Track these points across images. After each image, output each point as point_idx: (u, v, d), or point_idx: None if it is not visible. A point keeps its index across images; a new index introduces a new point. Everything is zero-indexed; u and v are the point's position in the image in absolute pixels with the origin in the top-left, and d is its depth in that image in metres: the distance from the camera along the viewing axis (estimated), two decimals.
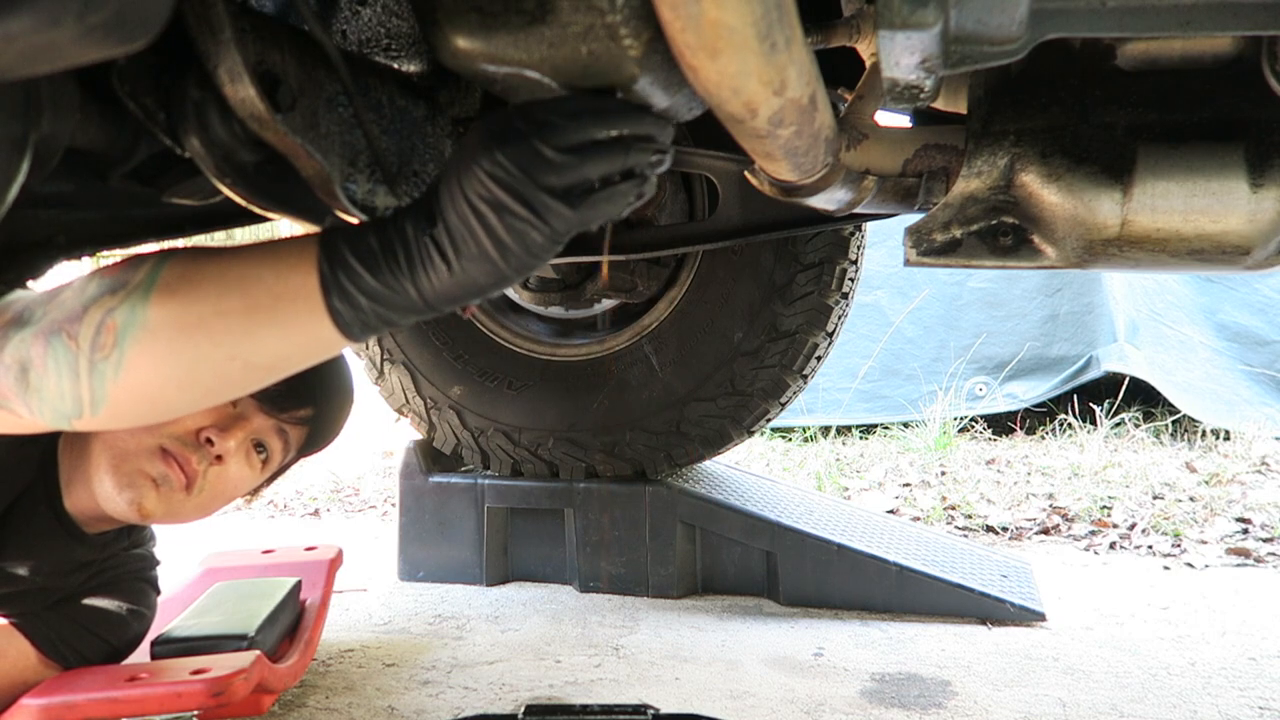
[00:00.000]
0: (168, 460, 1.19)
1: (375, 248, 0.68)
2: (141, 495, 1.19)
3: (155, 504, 1.21)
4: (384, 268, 0.68)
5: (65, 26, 0.40)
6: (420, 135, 0.79)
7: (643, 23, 0.59)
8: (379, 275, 0.68)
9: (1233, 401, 3.53)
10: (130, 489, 1.19)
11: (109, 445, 1.21)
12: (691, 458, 1.99)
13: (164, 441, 1.19)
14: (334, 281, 0.68)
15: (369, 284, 0.68)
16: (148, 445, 1.19)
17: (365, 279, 0.68)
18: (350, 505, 3.00)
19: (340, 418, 1.38)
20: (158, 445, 1.19)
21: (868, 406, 3.81)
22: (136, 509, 1.20)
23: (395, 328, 0.73)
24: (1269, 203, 0.85)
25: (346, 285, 0.68)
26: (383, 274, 0.68)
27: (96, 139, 0.65)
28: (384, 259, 0.68)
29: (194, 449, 1.21)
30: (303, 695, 1.53)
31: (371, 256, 0.68)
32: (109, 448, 1.20)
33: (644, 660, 1.65)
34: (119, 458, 1.20)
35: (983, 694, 1.48)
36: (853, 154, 1.02)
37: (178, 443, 1.20)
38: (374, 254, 0.68)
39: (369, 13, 0.83)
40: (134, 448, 1.20)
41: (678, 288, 1.92)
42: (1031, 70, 0.93)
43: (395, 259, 0.68)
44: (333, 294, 0.68)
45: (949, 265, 0.96)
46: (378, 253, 0.68)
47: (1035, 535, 2.43)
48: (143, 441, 1.19)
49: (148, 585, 1.40)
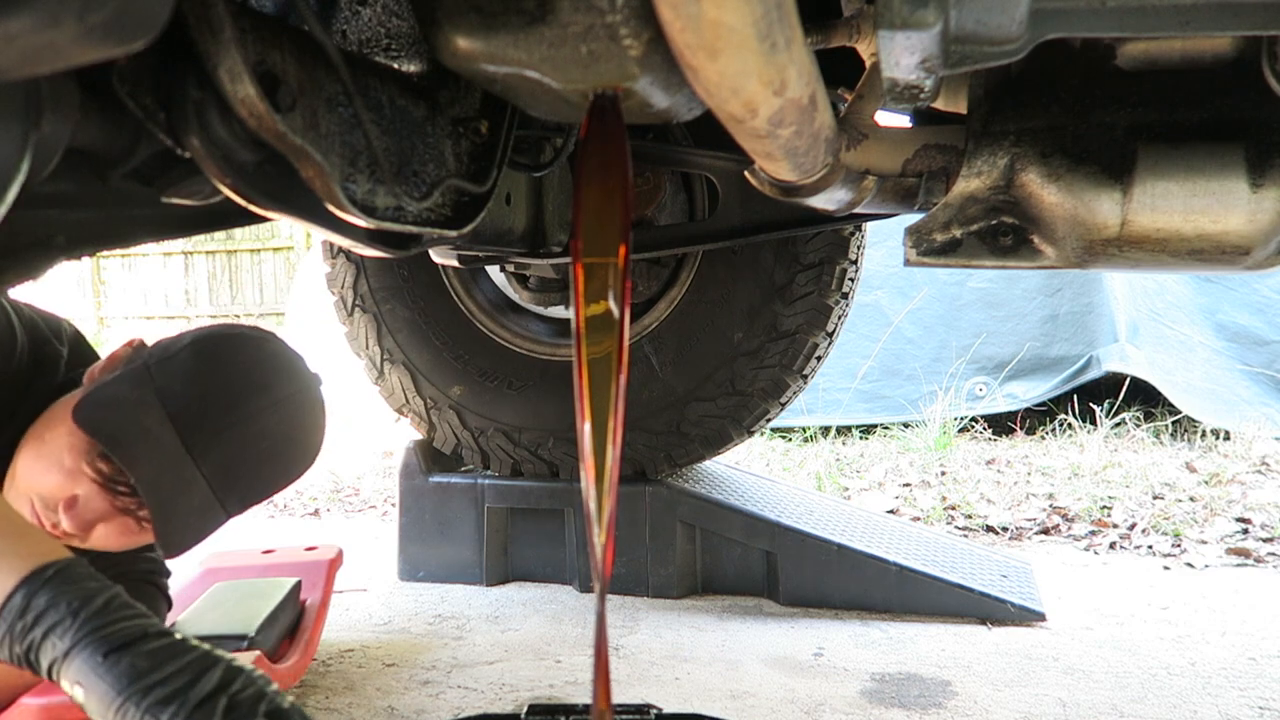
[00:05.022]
0: (34, 515, 1.12)
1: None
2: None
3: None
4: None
5: (65, 26, 0.40)
6: (420, 135, 0.79)
7: (643, 23, 0.59)
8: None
9: (1233, 401, 3.53)
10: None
11: (12, 472, 1.14)
12: (691, 458, 1.99)
13: (32, 497, 1.12)
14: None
15: None
16: (24, 492, 1.12)
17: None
18: (350, 505, 3.00)
19: (224, 508, 1.16)
20: (29, 497, 1.12)
21: (868, 406, 3.81)
22: None
23: None
24: (1269, 203, 0.85)
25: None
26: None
27: (96, 139, 0.65)
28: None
29: (54, 514, 1.11)
30: (303, 695, 1.53)
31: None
32: (11, 474, 1.14)
33: (644, 660, 1.65)
34: (10, 490, 1.14)
35: (983, 694, 1.48)
36: (853, 154, 1.02)
37: (41, 505, 1.11)
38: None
39: (369, 13, 0.83)
40: (20, 486, 1.13)
41: (678, 288, 1.92)
42: (1031, 70, 0.93)
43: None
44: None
45: (949, 265, 0.96)
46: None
47: (1035, 535, 2.43)
48: (23, 485, 1.13)
49: (156, 590, 1.39)
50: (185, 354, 1.15)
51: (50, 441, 1.12)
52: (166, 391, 1.11)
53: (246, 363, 1.17)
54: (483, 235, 1.37)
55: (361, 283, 2.07)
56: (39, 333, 1.24)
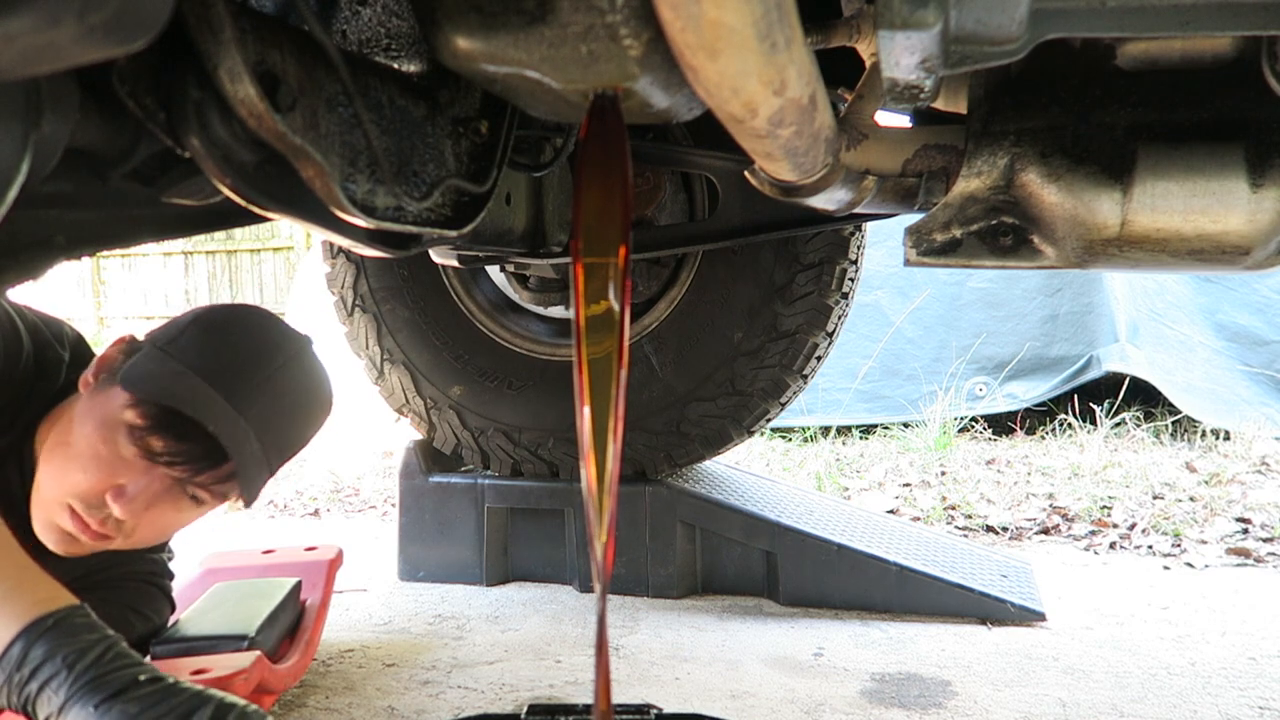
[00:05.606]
0: (75, 519, 1.13)
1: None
2: (66, 546, 1.16)
3: (82, 550, 1.17)
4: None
5: (65, 26, 0.40)
6: (420, 135, 0.79)
7: (643, 23, 0.59)
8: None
9: (1233, 401, 3.53)
10: (53, 541, 1.15)
11: (35, 489, 1.15)
12: (691, 458, 1.99)
13: (70, 501, 1.12)
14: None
15: None
16: (58, 500, 1.13)
17: None
18: (350, 505, 3.00)
19: (277, 456, 1.21)
20: (65, 503, 1.13)
21: (868, 407, 3.81)
22: (66, 553, 1.17)
23: None
24: (1269, 203, 0.85)
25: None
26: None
27: (96, 139, 0.65)
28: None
29: (98, 509, 1.13)
30: (303, 695, 1.53)
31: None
32: (35, 491, 1.15)
33: (644, 660, 1.65)
34: (40, 505, 1.15)
35: (983, 694, 1.48)
36: (853, 154, 1.02)
37: (82, 504, 1.12)
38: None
39: (369, 13, 0.83)
40: (48, 499, 1.14)
41: (678, 288, 1.92)
42: (1031, 70, 0.93)
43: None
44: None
45: (949, 265, 0.96)
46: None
47: (1035, 535, 2.43)
48: (53, 496, 1.13)
49: (159, 591, 1.39)
50: (192, 330, 1.19)
51: (79, 440, 1.13)
52: (192, 362, 1.14)
53: (251, 329, 1.22)
54: (483, 235, 1.37)
55: (361, 283, 2.07)
56: (42, 337, 1.25)
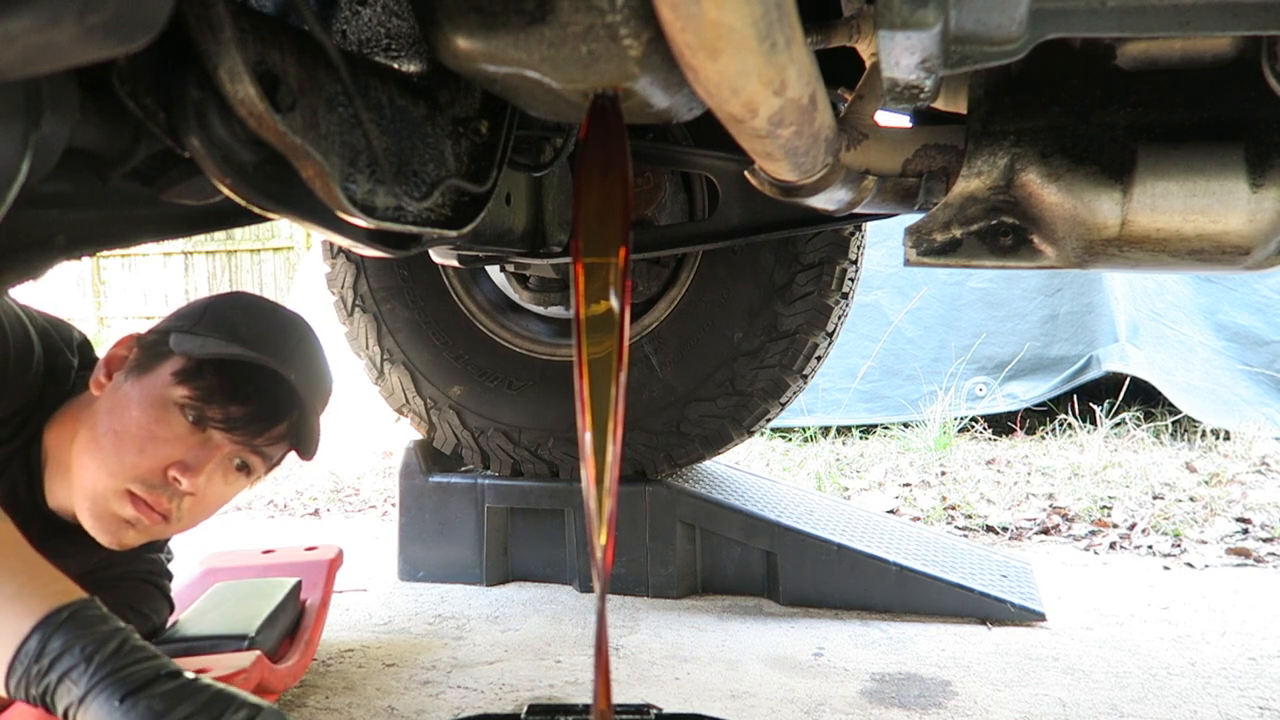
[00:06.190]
0: (137, 503, 1.15)
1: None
2: (120, 537, 1.18)
3: (136, 538, 1.20)
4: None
5: (65, 26, 0.40)
6: (420, 135, 0.79)
7: (643, 23, 0.59)
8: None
9: (1233, 401, 3.53)
10: (107, 532, 1.18)
11: (82, 486, 1.17)
12: (691, 458, 1.99)
13: (130, 485, 1.15)
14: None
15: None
16: (115, 489, 1.15)
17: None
18: (350, 505, 3.00)
19: (319, 413, 1.31)
20: (125, 489, 1.15)
21: (868, 407, 3.81)
22: (118, 545, 1.19)
23: None
24: (1269, 203, 0.85)
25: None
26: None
27: (96, 139, 0.65)
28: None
29: (162, 488, 1.16)
30: (303, 695, 1.53)
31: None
32: (82, 488, 1.17)
33: (644, 660, 1.65)
34: (92, 500, 1.16)
35: (983, 694, 1.48)
36: (853, 154, 1.02)
37: (144, 486, 1.15)
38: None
39: (369, 13, 0.83)
40: (103, 490, 1.16)
41: (678, 288, 1.92)
42: (1031, 70, 0.93)
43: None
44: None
45: (949, 265, 0.96)
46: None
47: (1035, 535, 2.43)
48: (110, 485, 1.15)
49: (157, 590, 1.39)
50: (210, 314, 1.23)
51: (129, 425, 1.15)
52: (229, 335, 1.19)
53: (265, 307, 1.29)
54: (483, 235, 1.37)
55: (361, 283, 2.07)
56: (52, 342, 1.27)
